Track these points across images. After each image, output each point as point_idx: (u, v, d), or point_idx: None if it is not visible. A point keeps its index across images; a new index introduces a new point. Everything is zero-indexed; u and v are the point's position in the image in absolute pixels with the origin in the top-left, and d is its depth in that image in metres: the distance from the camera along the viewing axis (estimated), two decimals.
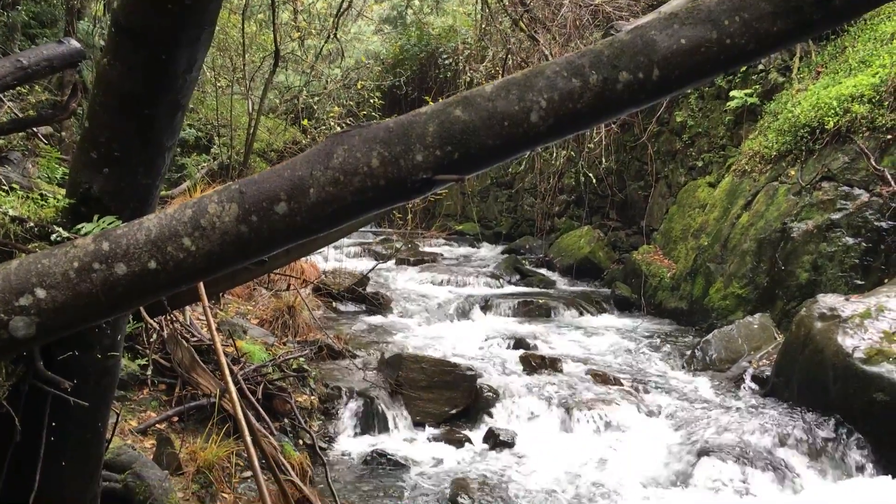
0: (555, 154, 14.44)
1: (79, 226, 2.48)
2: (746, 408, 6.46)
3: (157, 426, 4.95)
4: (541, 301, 10.42)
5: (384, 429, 6.28)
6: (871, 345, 5.79)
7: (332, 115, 15.12)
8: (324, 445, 5.74)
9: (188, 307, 6.05)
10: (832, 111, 8.52)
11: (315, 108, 16.64)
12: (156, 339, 5.58)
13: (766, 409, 6.33)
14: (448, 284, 11.50)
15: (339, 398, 6.31)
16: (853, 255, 7.75)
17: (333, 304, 9.62)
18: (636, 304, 10.75)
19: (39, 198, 2.79)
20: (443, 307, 9.98)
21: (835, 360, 5.92)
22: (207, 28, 2.33)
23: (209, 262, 1.89)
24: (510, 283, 12.09)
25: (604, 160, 13.23)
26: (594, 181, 13.51)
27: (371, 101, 16.36)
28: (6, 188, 3.04)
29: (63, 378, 2.47)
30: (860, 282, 7.60)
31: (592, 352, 8.48)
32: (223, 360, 4.59)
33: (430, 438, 6.20)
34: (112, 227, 1.96)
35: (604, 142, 13.20)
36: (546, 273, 12.97)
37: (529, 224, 16.03)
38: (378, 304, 9.76)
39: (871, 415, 5.59)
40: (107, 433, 3.09)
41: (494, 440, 6.10)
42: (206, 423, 4.93)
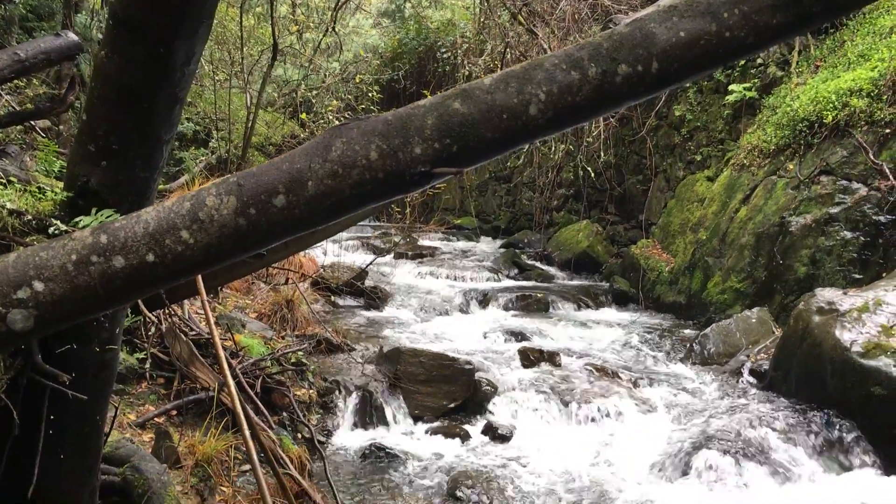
0: (553, 148, 14.43)
1: (77, 219, 2.48)
2: (744, 401, 6.47)
3: (156, 420, 4.95)
4: (539, 295, 10.42)
5: (383, 422, 6.29)
6: (869, 339, 5.80)
7: (331, 109, 15.08)
8: (322, 439, 5.75)
9: (187, 301, 6.05)
10: (831, 105, 8.52)
11: (313, 102, 16.60)
12: (154, 333, 5.59)
13: (764, 403, 6.34)
14: (446, 278, 11.48)
15: (338, 392, 6.32)
16: (851, 250, 7.75)
17: (332, 298, 9.62)
18: (634, 298, 10.76)
19: (37, 191, 2.79)
20: (441, 301, 9.98)
21: (833, 354, 5.93)
22: (205, 21, 2.33)
23: (207, 255, 1.89)
24: (508, 277, 12.08)
25: (602, 154, 13.21)
26: (593, 175, 13.50)
27: (369, 95, 16.32)
28: (4, 181, 3.03)
29: (61, 371, 2.47)
30: (858, 276, 7.61)
31: (591, 345, 8.48)
32: (222, 354, 4.60)
33: (429, 432, 6.21)
34: (110, 221, 1.96)
35: (602, 136, 13.19)
36: (544, 267, 12.98)
37: (528, 218, 16.03)
38: (376, 298, 9.76)
39: (869, 408, 5.60)
40: (105, 426, 3.09)
41: (493, 433, 6.11)
42: (205, 417, 4.93)
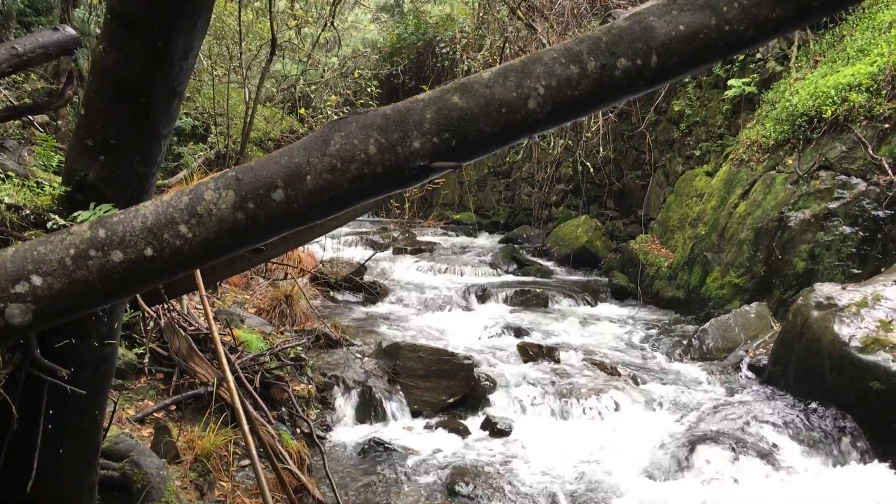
0: (552, 143, 14.42)
1: (75, 213, 2.48)
2: (743, 396, 6.48)
3: (155, 415, 4.95)
4: (538, 290, 10.42)
5: (382, 417, 6.29)
6: (868, 333, 5.81)
7: (330, 104, 15.06)
8: (321, 434, 5.75)
9: (185, 296, 6.05)
10: (830, 100, 8.51)
11: (312, 97, 16.59)
12: (153, 328, 5.59)
13: (763, 398, 6.35)
14: (445, 273, 11.48)
15: (337, 387, 6.32)
16: (850, 245, 7.75)
17: (331, 294, 9.62)
18: (633, 294, 10.77)
19: (35, 186, 2.78)
20: (440, 296, 9.98)
21: (831, 349, 5.93)
22: (204, 15, 2.32)
23: (206, 250, 1.88)
24: (507, 273, 12.08)
25: (601, 149, 13.21)
26: (592, 170, 13.49)
27: (368, 90, 16.31)
28: (2, 176, 3.02)
29: (60, 366, 2.47)
30: (857, 271, 7.61)
31: (589, 341, 8.49)
32: (221, 349, 4.60)
33: (428, 427, 6.21)
34: (108, 215, 1.96)
35: (601, 131, 13.18)
36: (543, 262, 12.98)
37: (527, 213, 16.02)
38: (375, 294, 9.76)
39: (867, 403, 5.61)
40: (104, 421, 3.09)
41: (492, 428, 6.11)
42: (204, 412, 4.94)
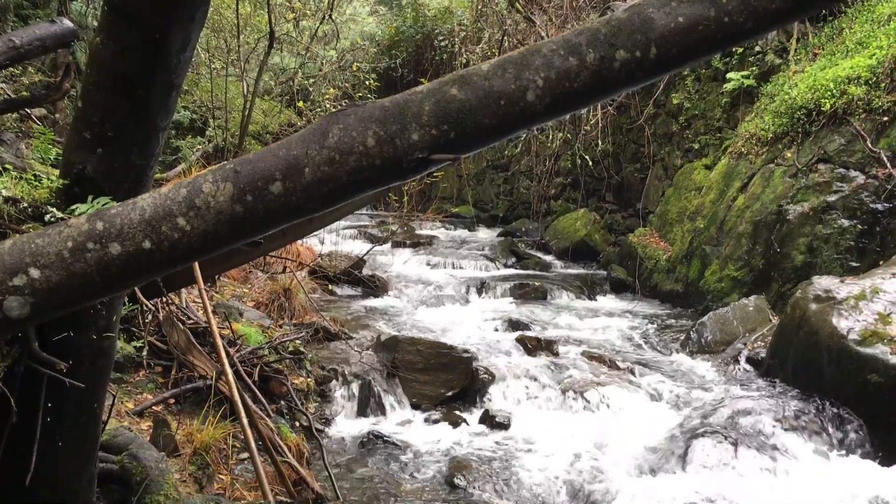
0: (551, 136, 14.41)
1: (73, 206, 2.47)
2: (741, 389, 6.49)
3: (154, 408, 4.95)
4: (537, 283, 10.43)
5: (380, 411, 6.29)
6: (866, 326, 5.81)
7: (328, 97, 15.04)
8: (320, 427, 5.76)
9: (184, 289, 6.05)
10: (829, 93, 8.50)
11: (310, 90, 16.56)
12: (152, 322, 5.58)
13: (761, 391, 6.36)
14: (444, 267, 11.48)
15: (336, 380, 6.32)
16: (848, 238, 7.76)
17: (329, 287, 9.61)
18: (632, 287, 10.77)
19: (33, 178, 2.77)
20: (439, 290, 9.98)
21: (829, 342, 5.94)
22: (202, 7, 2.31)
23: (204, 242, 1.88)
24: (506, 266, 12.08)
25: (600, 142, 13.19)
26: (590, 164, 13.48)
27: (367, 84, 16.27)
28: (0, 169, 3.02)
29: (58, 359, 2.46)
30: (855, 264, 7.62)
31: (588, 334, 8.49)
32: (219, 343, 4.60)
33: (427, 420, 6.22)
34: (106, 208, 1.95)
35: (600, 124, 13.16)
36: (542, 256, 12.98)
37: (525, 207, 16.02)
38: (374, 287, 9.76)
39: (865, 396, 5.62)
40: (103, 415, 3.09)
41: (491, 422, 6.12)
42: (203, 405, 4.93)
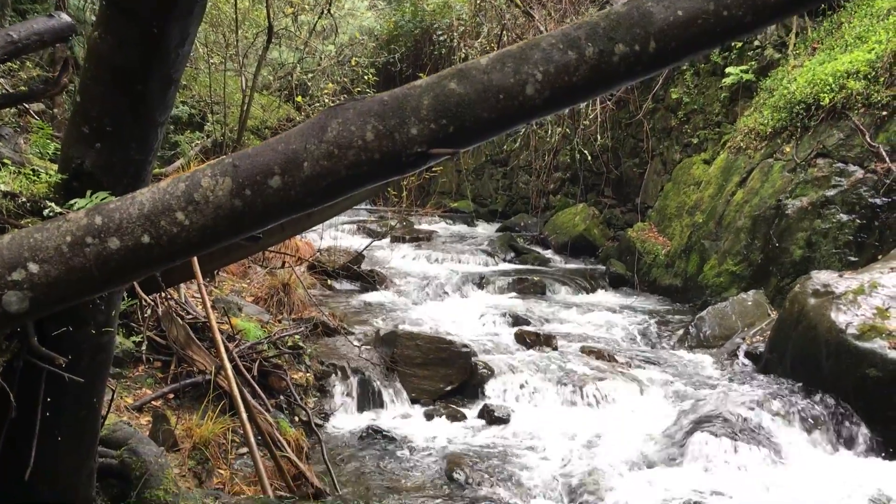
0: (550, 131, 14.39)
1: (71, 201, 2.47)
2: (740, 384, 6.50)
3: (153, 403, 4.96)
4: (536, 278, 10.43)
5: (379, 405, 6.30)
6: (864, 321, 5.82)
7: (327, 92, 15.00)
8: (319, 422, 5.76)
9: (183, 284, 6.04)
10: (828, 87, 8.50)
11: (309, 85, 16.52)
12: (151, 317, 5.58)
13: (760, 385, 6.37)
14: (443, 262, 11.48)
15: (335, 375, 6.32)
16: (847, 232, 7.76)
17: (328, 282, 9.61)
18: (631, 282, 10.77)
19: (32, 173, 2.77)
20: (438, 284, 9.98)
21: (828, 336, 5.94)
22: (199, 2, 2.31)
23: (203, 237, 1.88)
24: (505, 261, 12.09)
25: (599, 137, 13.18)
26: (589, 158, 13.47)
27: (365, 78, 16.23)
28: None
29: (57, 354, 2.46)
30: (854, 258, 7.62)
31: (587, 328, 8.50)
32: (218, 338, 4.61)
33: (426, 415, 6.23)
34: (105, 202, 1.95)
35: (599, 119, 13.15)
36: (541, 250, 12.98)
37: (524, 201, 16.00)
38: (373, 282, 9.76)
39: (864, 390, 5.63)
40: (102, 409, 3.09)
41: (489, 416, 6.13)
42: (202, 400, 4.94)
